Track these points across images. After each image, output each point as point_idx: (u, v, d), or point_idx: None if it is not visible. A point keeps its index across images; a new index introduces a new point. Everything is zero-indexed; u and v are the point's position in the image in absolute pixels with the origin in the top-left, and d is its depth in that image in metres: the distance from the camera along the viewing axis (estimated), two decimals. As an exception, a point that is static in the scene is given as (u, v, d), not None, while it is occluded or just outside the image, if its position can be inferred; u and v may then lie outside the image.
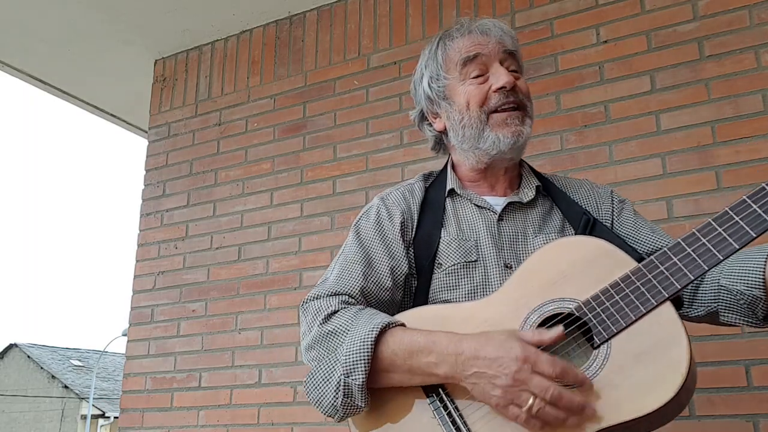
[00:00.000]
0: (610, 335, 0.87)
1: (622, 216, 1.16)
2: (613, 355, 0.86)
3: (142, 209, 2.97)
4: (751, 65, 1.92)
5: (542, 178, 1.21)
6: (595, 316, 0.89)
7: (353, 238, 1.14)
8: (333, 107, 2.62)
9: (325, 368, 0.97)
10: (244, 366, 2.51)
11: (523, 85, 1.14)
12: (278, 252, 2.57)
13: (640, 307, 0.87)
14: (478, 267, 1.07)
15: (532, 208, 1.15)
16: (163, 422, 2.61)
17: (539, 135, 2.18)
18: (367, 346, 0.93)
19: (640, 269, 0.90)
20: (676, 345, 0.83)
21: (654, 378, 0.82)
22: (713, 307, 1.03)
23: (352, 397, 0.93)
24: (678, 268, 0.87)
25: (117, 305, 77.00)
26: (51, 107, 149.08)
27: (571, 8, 2.23)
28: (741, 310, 0.99)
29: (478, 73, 1.13)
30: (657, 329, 0.85)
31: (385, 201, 1.18)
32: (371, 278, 1.08)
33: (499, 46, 1.13)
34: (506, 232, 1.11)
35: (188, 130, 2.96)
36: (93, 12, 2.81)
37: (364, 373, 0.92)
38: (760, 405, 1.71)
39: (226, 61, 2.96)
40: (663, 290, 0.87)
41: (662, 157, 1.98)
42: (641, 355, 0.85)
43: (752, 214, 0.84)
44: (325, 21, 2.75)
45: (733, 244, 0.85)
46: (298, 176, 2.62)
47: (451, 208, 1.15)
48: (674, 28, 2.06)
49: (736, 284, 0.98)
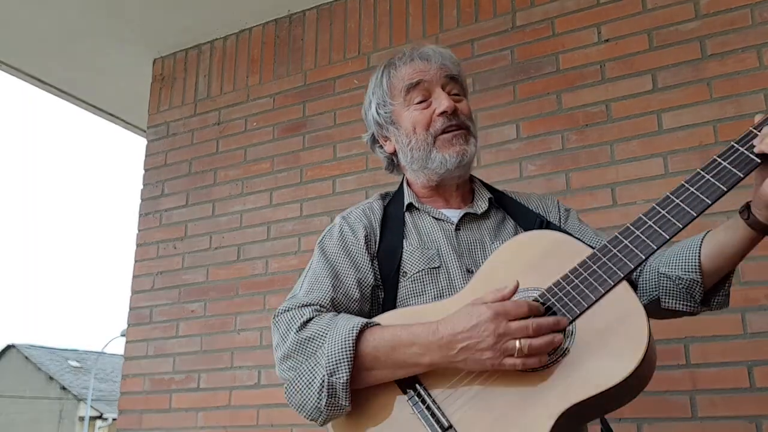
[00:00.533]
0: (574, 316, 0.93)
1: (568, 222, 1.24)
2: (578, 335, 0.92)
3: (141, 209, 2.96)
4: (753, 64, 1.91)
5: (494, 191, 1.28)
6: (558, 301, 0.95)
7: (319, 255, 1.18)
8: (333, 106, 2.61)
9: (306, 372, 0.99)
10: (243, 367, 2.49)
11: (464, 107, 1.21)
12: (278, 252, 2.56)
13: (599, 288, 0.93)
14: (441, 272, 1.13)
15: (486, 218, 1.22)
16: (162, 424, 2.60)
17: (540, 134, 2.17)
18: (349, 344, 0.96)
19: (596, 254, 0.97)
20: (636, 318, 0.89)
21: (619, 349, 0.88)
22: (654, 295, 1.10)
23: (337, 397, 0.96)
24: (630, 249, 0.95)
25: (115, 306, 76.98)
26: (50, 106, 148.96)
27: (572, 7, 2.22)
28: (680, 294, 1.08)
29: (422, 98, 1.19)
30: (616, 307, 0.92)
31: (347, 219, 1.23)
32: (340, 290, 1.12)
33: (441, 71, 1.20)
34: (465, 241, 1.18)
35: (187, 129, 2.95)
36: (92, 11, 2.80)
37: (347, 371, 0.95)
38: (763, 406, 1.70)
39: (226, 60, 2.94)
40: (618, 270, 0.94)
41: (664, 156, 1.97)
42: (604, 331, 0.90)
43: (691, 196, 0.95)
44: (324, 20, 2.75)
45: (677, 224, 0.94)
46: (298, 176, 2.61)
47: (410, 221, 1.22)
48: (676, 27, 2.05)
49: (675, 270, 1.07)
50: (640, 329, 0.88)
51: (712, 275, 1.06)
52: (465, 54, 2.36)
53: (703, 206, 0.93)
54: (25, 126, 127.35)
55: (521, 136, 2.20)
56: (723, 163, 0.95)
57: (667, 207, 0.96)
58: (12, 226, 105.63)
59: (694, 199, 0.94)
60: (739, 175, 0.93)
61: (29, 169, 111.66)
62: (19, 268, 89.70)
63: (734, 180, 0.93)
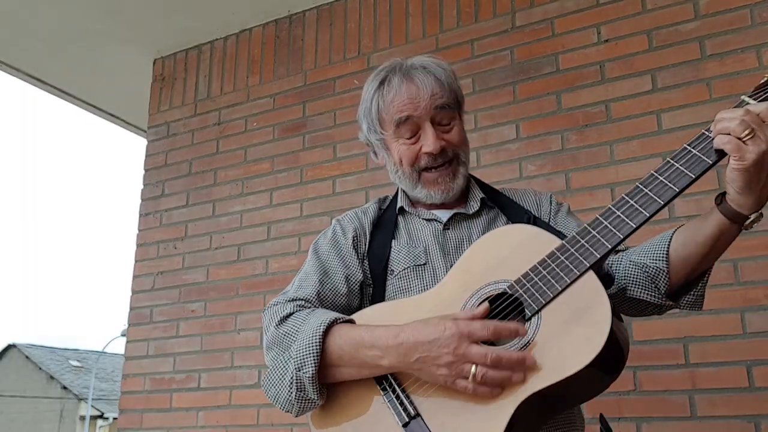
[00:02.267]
0: (539, 306, 0.93)
1: (557, 216, 1.25)
2: (543, 325, 0.92)
3: (141, 209, 2.96)
4: (752, 64, 1.92)
5: (488, 191, 1.29)
6: (525, 291, 0.95)
7: (311, 255, 1.23)
8: (333, 107, 2.61)
9: (280, 366, 1.03)
10: (243, 366, 2.50)
11: (454, 136, 1.20)
12: (278, 252, 2.57)
13: (564, 278, 0.93)
14: (427, 269, 1.15)
15: (478, 217, 1.23)
16: (162, 423, 2.60)
17: (540, 134, 2.17)
18: (316, 340, 0.99)
19: (564, 245, 0.97)
20: (599, 306, 0.89)
21: (582, 337, 0.88)
22: (622, 284, 1.10)
23: (305, 391, 0.99)
24: (597, 239, 0.95)
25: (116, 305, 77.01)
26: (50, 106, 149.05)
27: (572, 7, 2.22)
28: (644, 282, 1.07)
29: (410, 134, 1.19)
30: (581, 296, 0.92)
31: (340, 221, 1.28)
32: (327, 285, 1.16)
33: (431, 102, 1.17)
34: (452, 239, 1.20)
35: (187, 129, 2.96)
36: (92, 11, 2.80)
37: (313, 365, 0.98)
38: (762, 405, 1.70)
39: (226, 61, 2.95)
40: (584, 260, 0.94)
41: (663, 156, 1.96)
42: (569, 320, 0.90)
43: (659, 185, 0.93)
44: (324, 20, 2.75)
45: (644, 213, 0.93)
46: (298, 176, 2.62)
47: (402, 222, 1.25)
48: (675, 27, 2.05)
49: (643, 258, 1.07)
50: (602, 316, 0.87)
51: (681, 265, 1.04)
52: (465, 54, 2.36)
53: (671, 193, 0.92)
54: (25, 126, 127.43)
55: (521, 136, 2.21)
56: (693, 151, 0.94)
57: (636, 197, 0.95)
58: (13, 225, 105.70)
59: (662, 187, 0.93)
60: (708, 161, 0.91)
61: (30, 169, 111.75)
62: (20, 268, 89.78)
63: (703, 166, 0.91)
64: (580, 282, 0.92)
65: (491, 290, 0.98)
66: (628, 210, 0.94)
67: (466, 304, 0.99)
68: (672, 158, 0.95)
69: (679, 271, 1.04)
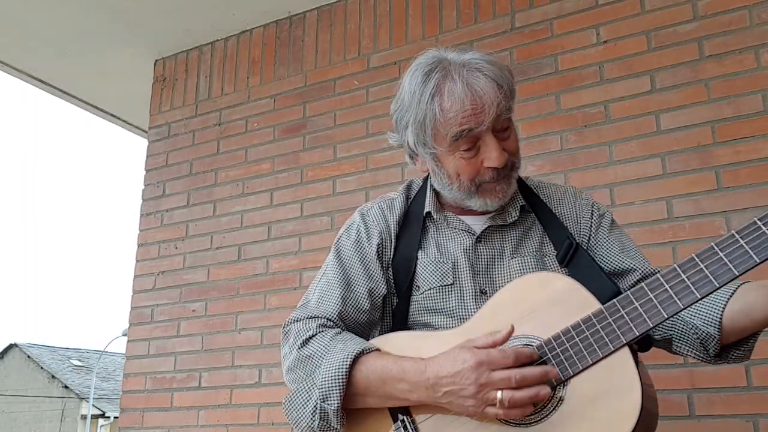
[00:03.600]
0: (567, 377, 0.90)
1: (599, 233, 1.15)
2: (568, 398, 0.89)
3: (142, 209, 2.97)
4: (750, 65, 1.92)
5: (527, 194, 1.19)
6: (555, 357, 0.91)
7: (334, 258, 1.17)
8: (333, 107, 2.62)
9: (303, 391, 1.02)
10: (244, 366, 2.51)
11: (512, 145, 1.09)
12: (278, 252, 2.57)
13: (597, 351, 0.88)
14: (454, 290, 1.10)
15: (515, 227, 1.15)
16: (163, 422, 2.61)
17: (539, 135, 2.18)
18: (342, 373, 0.97)
19: (602, 311, 0.90)
20: (628, 394, 0.84)
21: (604, 425, 0.84)
22: (668, 335, 1.04)
23: (328, 420, 0.99)
24: (638, 314, 0.88)
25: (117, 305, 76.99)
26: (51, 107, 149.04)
27: (571, 8, 2.23)
28: (693, 343, 1.00)
29: (469, 146, 1.06)
30: (612, 375, 0.87)
31: (365, 218, 1.19)
32: (349, 301, 1.12)
33: (494, 111, 1.02)
34: (483, 255, 1.12)
35: (188, 130, 2.96)
36: (93, 12, 2.81)
37: (338, 398, 0.97)
38: (760, 405, 1.71)
39: (226, 61, 2.96)
40: (621, 335, 0.88)
41: (662, 157, 1.98)
42: (594, 400, 0.86)
43: (718, 262, 0.85)
44: (325, 21, 2.75)
45: (695, 294, 0.85)
46: (298, 176, 2.62)
47: (430, 227, 1.17)
48: (674, 28, 2.06)
49: (694, 318, 0.99)
50: (631, 405, 0.83)
51: (733, 333, 0.97)
52: (464, 55, 2.37)
53: (729, 276, 0.84)
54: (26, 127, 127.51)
55: (521, 136, 2.17)
56: (763, 228, 0.83)
57: (689, 272, 0.86)
58: (13, 225, 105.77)
59: (721, 267, 0.84)
60: None
61: (30, 169, 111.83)
62: (21, 268, 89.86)
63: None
64: (613, 358, 0.88)
65: (519, 346, 0.94)
66: (679, 287, 0.86)
67: None
68: (738, 233, 0.85)
69: (731, 337, 0.98)
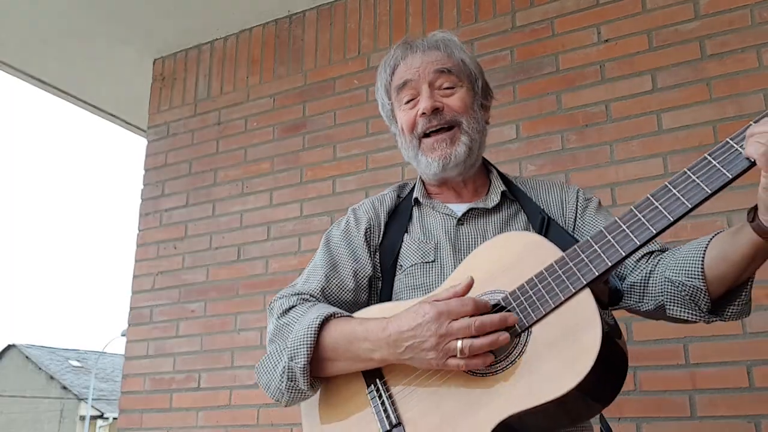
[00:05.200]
0: (530, 323, 0.90)
1: (585, 214, 1.18)
2: (531, 342, 0.89)
3: (142, 209, 2.96)
4: (752, 64, 1.92)
5: (510, 183, 1.24)
6: (519, 305, 0.92)
7: (322, 245, 1.22)
8: (333, 106, 2.61)
9: (275, 354, 1.05)
10: (243, 366, 2.50)
11: (454, 102, 1.16)
12: (278, 252, 2.56)
13: (559, 294, 0.89)
14: (435, 266, 1.12)
15: (497, 212, 1.18)
16: (162, 423, 2.60)
17: (540, 134, 2.17)
18: (311, 332, 0.99)
19: (563, 258, 0.92)
20: (589, 330, 0.84)
21: (566, 362, 0.84)
22: (660, 301, 1.04)
23: (296, 381, 1.00)
24: (597, 254, 0.89)
25: (116, 306, 76.97)
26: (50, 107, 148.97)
27: (572, 7, 2.22)
28: (683, 302, 1.00)
29: (410, 97, 1.18)
30: (573, 316, 0.87)
31: (355, 211, 1.25)
32: (333, 280, 1.15)
33: (429, 66, 1.16)
34: (464, 235, 1.15)
35: (187, 129, 2.96)
36: (92, 11, 2.80)
37: (306, 356, 0.98)
38: (762, 405, 1.70)
39: (226, 61, 2.95)
40: (581, 277, 0.88)
41: (663, 156, 1.98)
42: (557, 341, 0.87)
43: (672, 198, 0.86)
44: (324, 20, 2.75)
45: (650, 229, 0.86)
46: (298, 176, 2.62)
47: (417, 215, 1.21)
48: (675, 27, 2.05)
49: (678, 275, 0.99)
50: (591, 341, 0.83)
51: (718, 282, 0.96)
52: (465, 54, 2.36)
53: (683, 210, 0.84)
54: (25, 126, 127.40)
55: (521, 136, 2.21)
56: (713, 162, 0.84)
57: (644, 210, 0.87)
58: (12, 226, 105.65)
59: (674, 201, 0.85)
60: (728, 175, 0.82)
61: (30, 169, 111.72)
62: (20, 268, 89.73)
63: (722, 180, 0.82)
64: (576, 300, 0.88)
65: (487, 300, 0.96)
66: (635, 224, 0.88)
67: None
68: (689, 169, 0.85)
69: (718, 287, 0.97)
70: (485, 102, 1.26)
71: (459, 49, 1.21)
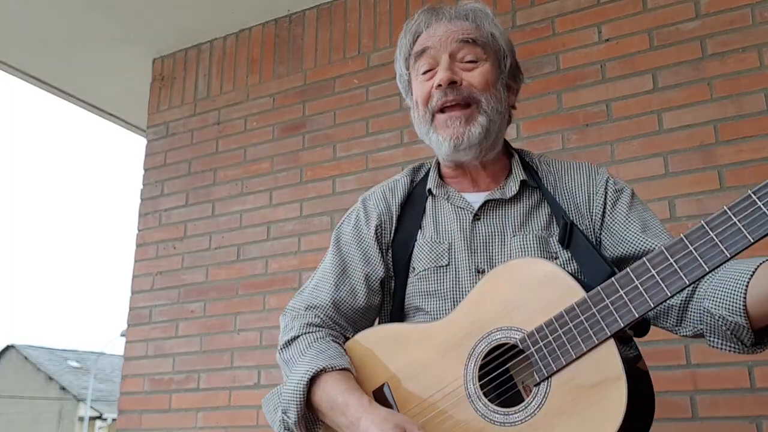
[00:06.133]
0: (550, 373, 0.86)
1: (615, 210, 1.07)
2: (552, 394, 0.85)
3: (141, 209, 2.96)
4: (753, 64, 1.91)
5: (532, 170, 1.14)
6: (537, 351, 0.87)
7: (333, 245, 1.17)
8: (333, 106, 2.61)
9: (274, 398, 1.05)
10: (243, 367, 2.49)
11: (475, 77, 1.05)
12: (277, 252, 2.56)
13: (581, 344, 0.84)
14: (449, 272, 1.05)
15: (516, 203, 1.08)
16: (162, 424, 2.59)
17: (540, 134, 2.17)
18: (300, 389, 0.98)
19: (586, 301, 0.85)
20: (614, 390, 0.81)
21: (591, 421, 0.81)
22: (699, 329, 0.97)
23: (291, 430, 1.01)
24: (623, 303, 0.82)
25: (115, 306, 76.97)
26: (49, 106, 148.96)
27: (573, 6, 2.22)
28: (725, 336, 0.92)
29: (428, 67, 1.08)
30: (596, 370, 0.83)
31: (365, 203, 1.18)
32: (344, 287, 1.10)
33: (453, 35, 1.06)
34: (480, 233, 1.07)
35: (187, 129, 2.95)
36: (92, 11, 2.80)
37: (295, 414, 0.98)
38: (763, 406, 1.70)
39: (225, 60, 2.94)
40: (606, 327, 0.83)
41: (664, 156, 1.97)
42: (580, 396, 0.83)
43: (708, 243, 0.78)
44: (324, 19, 2.74)
45: (684, 279, 0.79)
46: (298, 176, 2.61)
47: (431, 207, 1.13)
48: (676, 26, 2.05)
49: (719, 308, 0.90)
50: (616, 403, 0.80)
51: (762, 318, 0.88)
52: (465, 54, 2.36)
53: (721, 259, 0.77)
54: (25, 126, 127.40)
55: (522, 135, 2.20)
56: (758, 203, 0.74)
57: (677, 254, 0.79)
58: (12, 226, 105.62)
59: (712, 248, 0.77)
60: None
61: (29, 169, 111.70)
62: (19, 269, 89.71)
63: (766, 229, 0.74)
64: (598, 350, 0.84)
65: (502, 337, 0.91)
66: (665, 271, 0.80)
67: (475, 348, 0.92)
68: (731, 209, 0.76)
69: (760, 323, 0.89)
70: (512, 84, 1.14)
71: (490, 21, 1.10)
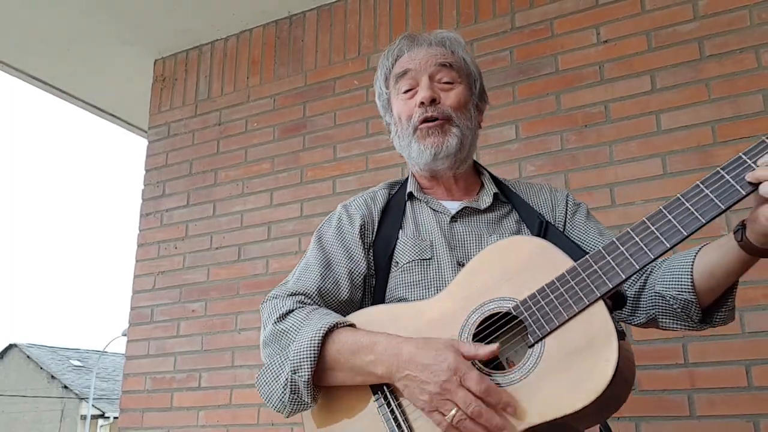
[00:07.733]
0: (544, 334, 0.89)
1: (574, 218, 1.20)
2: (545, 354, 0.88)
3: (142, 209, 2.97)
4: (751, 65, 1.92)
5: (501, 185, 1.26)
6: (531, 315, 0.91)
7: (314, 243, 1.21)
8: (333, 107, 2.62)
9: (275, 365, 1.02)
10: (243, 366, 2.51)
11: (451, 97, 1.18)
12: (278, 252, 2.57)
13: (573, 306, 0.88)
14: (432, 264, 1.12)
15: (489, 212, 1.19)
16: (163, 422, 2.61)
17: (539, 135, 2.18)
18: (314, 344, 0.97)
19: (575, 268, 0.91)
20: (605, 345, 0.84)
21: (581, 377, 0.84)
22: (652, 314, 1.06)
23: (299, 394, 0.98)
24: (611, 267, 0.88)
25: (117, 305, 77.01)
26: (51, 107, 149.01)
27: (571, 8, 2.23)
28: (676, 314, 1.03)
29: (408, 87, 1.20)
30: (588, 329, 0.87)
31: (347, 207, 1.25)
32: (329, 279, 1.13)
33: (432, 59, 1.19)
34: (459, 233, 1.16)
35: (188, 129, 2.96)
36: (93, 12, 2.81)
37: (309, 370, 0.96)
38: (761, 405, 1.71)
39: (226, 61, 2.95)
40: (595, 289, 0.88)
41: (662, 157, 1.98)
42: (572, 354, 0.86)
43: (685, 212, 0.86)
44: (325, 21, 2.75)
45: (665, 243, 0.86)
46: (298, 176, 2.62)
47: (410, 210, 1.22)
48: (674, 27, 2.06)
49: (668, 289, 1.01)
50: (606, 359, 0.83)
51: (707, 293, 0.99)
52: (464, 55, 2.37)
53: (697, 225, 0.85)
54: (25, 127, 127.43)
55: (520, 136, 2.21)
56: (726, 177, 0.84)
57: (658, 223, 0.87)
58: (14, 226, 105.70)
59: (688, 216, 0.85)
60: (742, 192, 0.83)
61: (31, 169, 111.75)
62: (21, 268, 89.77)
63: (736, 197, 0.83)
64: (589, 311, 0.88)
65: (495, 307, 0.94)
66: (648, 238, 0.87)
67: (468, 319, 0.95)
68: (702, 182, 0.86)
69: (707, 299, 1.00)
70: (480, 105, 1.28)
71: (462, 48, 1.24)
